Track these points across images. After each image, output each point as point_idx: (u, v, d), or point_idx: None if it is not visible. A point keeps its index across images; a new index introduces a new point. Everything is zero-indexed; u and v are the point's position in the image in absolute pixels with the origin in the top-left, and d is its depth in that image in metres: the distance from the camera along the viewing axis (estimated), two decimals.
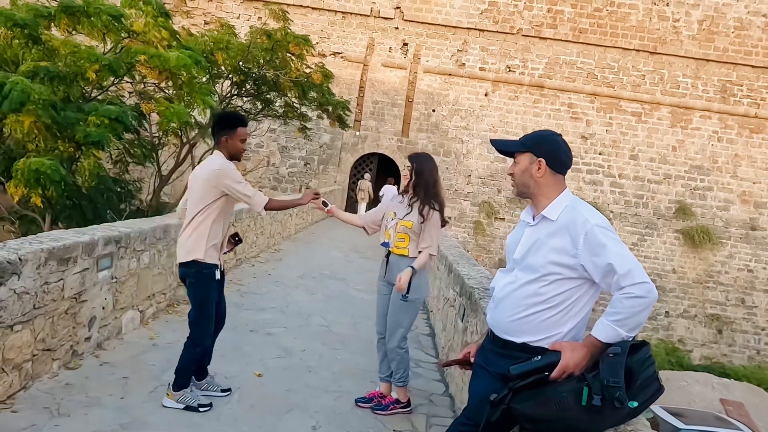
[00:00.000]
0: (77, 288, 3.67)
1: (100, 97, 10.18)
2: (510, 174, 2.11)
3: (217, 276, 3.32)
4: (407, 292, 3.46)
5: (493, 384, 2.00)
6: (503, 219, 19.51)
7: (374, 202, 19.08)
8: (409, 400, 3.74)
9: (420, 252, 3.54)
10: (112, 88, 10.63)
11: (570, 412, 1.70)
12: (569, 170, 2.12)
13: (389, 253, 3.66)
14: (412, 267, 3.47)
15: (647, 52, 19.24)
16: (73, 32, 9.90)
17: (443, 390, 4.22)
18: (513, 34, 19.53)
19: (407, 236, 3.57)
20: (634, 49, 19.24)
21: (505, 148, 2.13)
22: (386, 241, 3.67)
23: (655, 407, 10.74)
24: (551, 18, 19.40)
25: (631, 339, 1.80)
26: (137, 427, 3.02)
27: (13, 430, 2.80)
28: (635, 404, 1.68)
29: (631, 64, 19.35)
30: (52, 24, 9.75)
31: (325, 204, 3.55)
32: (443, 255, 5.83)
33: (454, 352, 4.26)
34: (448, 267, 5.25)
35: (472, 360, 2.24)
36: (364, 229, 3.83)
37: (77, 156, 8.34)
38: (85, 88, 9.82)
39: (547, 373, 1.82)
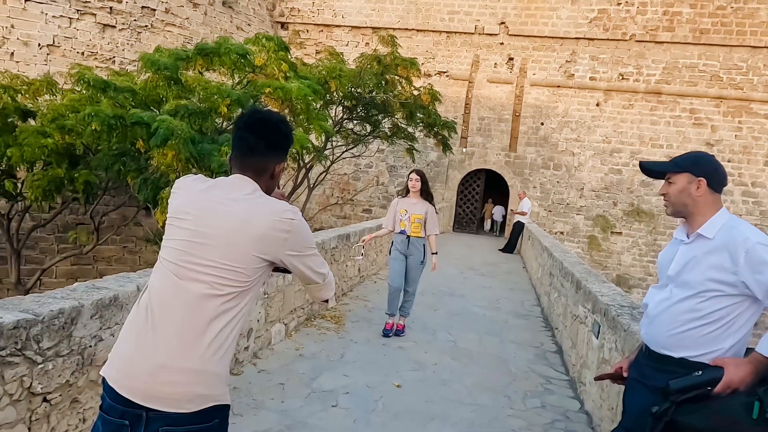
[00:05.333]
0: None
1: (230, 128, 11.24)
2: (662, 194, 2.17)
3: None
4: (423, 260, 5.61)
5: (650, 397, 2.06)
6: (620, 233, 18.60)
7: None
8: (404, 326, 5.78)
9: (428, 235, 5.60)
10: None
11: (741, 426, 1.73)
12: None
13: (408, 236, 5.51)
14: (434, 253, 5.67)
15: None
16: (205, 71, 11.13)
17: (578, 407, 4.21)
18: (625, 40, 18.77)
19: (420, 225, 5.53)
20: (765, 47, 17.74)
21: (658, 168, 2.18)
22: (403, 229, 5.54)
23: None
24: (667, 21, 18.43)
25: None
26: (299, 427, 3.36)
27: None
28: None
29: (763, 63, 17.84)
30: (189, 65, 10.97)
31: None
32: (568, 272, 5.78)
33: (587, 369, 4.25)
34: (575, 284, 5.21)
35: (624, 375, 2.31)
36: (390, 231, 5.72)
37: None
38: (216, 120, 10.91)
39: (709, 388, 1.87)
